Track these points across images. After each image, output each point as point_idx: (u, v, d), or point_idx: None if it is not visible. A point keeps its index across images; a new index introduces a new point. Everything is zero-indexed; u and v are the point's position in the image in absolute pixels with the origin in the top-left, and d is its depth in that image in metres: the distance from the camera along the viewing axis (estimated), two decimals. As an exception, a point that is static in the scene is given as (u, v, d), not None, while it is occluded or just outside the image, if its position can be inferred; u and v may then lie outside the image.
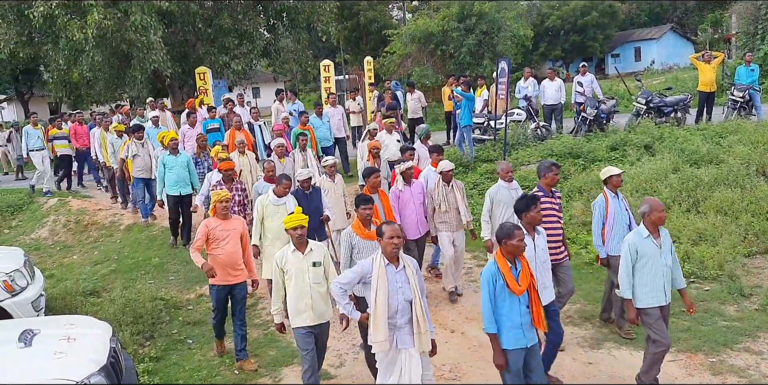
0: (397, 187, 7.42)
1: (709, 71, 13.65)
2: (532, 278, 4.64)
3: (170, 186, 9.61)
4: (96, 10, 13.90)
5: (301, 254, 5.27)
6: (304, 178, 7.42)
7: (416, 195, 7.43)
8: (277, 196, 7.09)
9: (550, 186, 6.31)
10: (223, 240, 6.13)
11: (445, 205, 7.33)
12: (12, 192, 13.43)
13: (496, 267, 4.58)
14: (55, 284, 9.15)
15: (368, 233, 5.66)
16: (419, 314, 4.60)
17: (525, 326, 4.58)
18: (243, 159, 9.73)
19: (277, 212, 7.05)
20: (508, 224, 4.67)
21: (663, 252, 5.13)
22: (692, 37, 41.51)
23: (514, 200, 6.52)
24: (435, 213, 7.43)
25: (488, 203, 6.87)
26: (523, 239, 4.59)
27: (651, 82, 22.60)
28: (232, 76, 20.06)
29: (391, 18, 37.00)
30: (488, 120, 13.68)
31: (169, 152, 9.67)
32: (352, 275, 4.73)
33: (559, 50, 39.10)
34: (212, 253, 6.17)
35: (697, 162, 10.30)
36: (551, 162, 6.44)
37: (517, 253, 4.60)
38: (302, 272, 5.23)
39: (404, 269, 4.66)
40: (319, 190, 7.68)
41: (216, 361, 6.56)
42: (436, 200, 7.35)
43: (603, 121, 13.50)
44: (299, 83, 40.54)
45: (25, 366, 4.69)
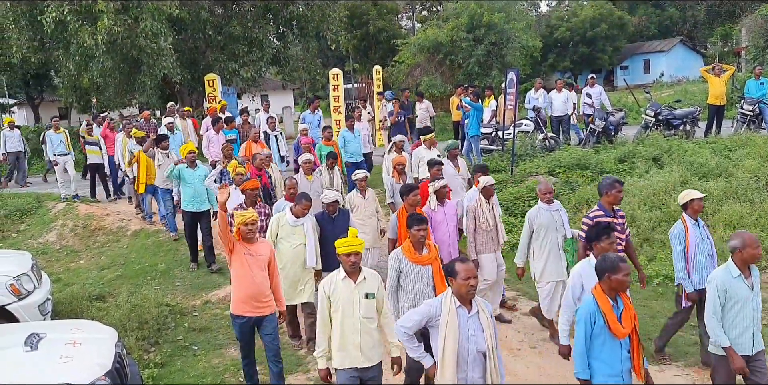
0: (430, 206, 6.84)
1: (719, 84, 13.63)
2: (635, 319, 4.12)
3: (186, 201, 9.02)
4: (106, 17, 14.01)
5: (353, 282, 4.61)
6: (330, 202, 6.72)
7: (450, 216, 6.87)
8: (294, 216, 6.51)
9: (613, 205, 5.88)
10: (250, 267, 5.44)
11: (487, 224, 6.86)
12: (20, 196, 13.48)
13: (596, 305, 4.05)
14: (61, 288, 9.17)
15: (419, 257, 5.23)
16: (494, 370, 4.00)
17: (625, 374, 4.06)
18: (268, 172, 9.25)
19: (293, 233, 6.49)
20: (612, 256, 4.14)
21: (755, 294, 4.56)
22: (702, 50, 41.50)
23: (557, 222, 6.39)
24: (475, 233, 6.90)
25: (528, 226, 6.48)
26: (629, 274, 4.08)
27: (660, 95, 22.60)
28: (241, 84, 20.18)
29: (401, 27, 37.17)
30: (496, 130, 13.69)
31: (186, 165, 9.08)
32: (418, 318, 4.09)
33: (568, 62, 39.13)
34: (238, 281, 5.48)
35: (705, 175, 10.27)
36: (614, 178, 5.97)
37: (621, 289, 4.10)
38: (352, 305, 4.57)
39: (478, 314, 4.03)
40: (347, 214, 7.02)
41: (221, 368, 6.55)
42: (481, 218, 6.84)
43: (611, 133, 13.49)
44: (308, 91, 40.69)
45: (31, 370, 4.69)
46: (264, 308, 5.53)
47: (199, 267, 9.50)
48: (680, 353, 6.16)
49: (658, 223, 8.99)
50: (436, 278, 5.27)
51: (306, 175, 8.57)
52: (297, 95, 43.86)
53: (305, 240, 6.50)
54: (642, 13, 44.47)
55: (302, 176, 8.50)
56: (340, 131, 11.13)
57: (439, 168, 7.75)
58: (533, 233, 6.47)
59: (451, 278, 4.01)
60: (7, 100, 32.57)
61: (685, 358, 5.97)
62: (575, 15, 39.20)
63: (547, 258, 6.43)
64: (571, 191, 10.63)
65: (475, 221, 6.86)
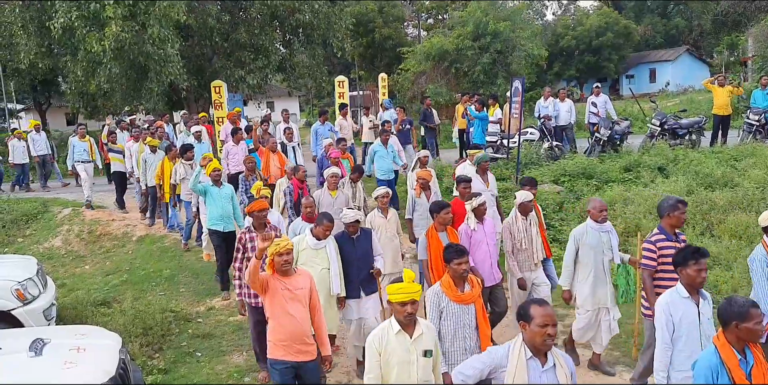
0: (469, 225, 6.36)
1: (724, 94, 13.64)
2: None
3: (213, 220, 8.37)
4: (114, 23, 14.09)
5: (409, 337, 3.94)
6: (351, 221, 6.12)
7: (489, 234, 6.40)
8: (316, 238, 5.98)
9: (675, 227, 5.28)
10: (288, 304, 4.73)
11: (525, 242, 6.42)
12: (27, 201, 13.53)
13: (718, 358, 3.46)
14: (66, 293, 9.19)
15: (461, 296, 4.61)
16: None
17: None
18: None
19: (315, 257, 5.96)
20: (741, 300, 3.51)
21: None
22: (708, 60, 41.50)
23: (605, 244, 5.84)
24: (514, 251, 6.49)
25: (573, 246, 5.92)
26: (761, 321, 3.48)
27: (666, 104, 22.60)
28: (247, 90, 20.19)
29: (406, 35, 37.25)
30: (501, 138, 13.70)
31: (212, 183, 8.45)
32: (480, 366, 3.53)
33: (574, 70, 39.20)
34: (275, 320, 4.77)
35: (711, 185, 10.25)
36: (677, 198, 5.38)
37: (752, 340, 3.50)
38: (408, 365, 3.93)
39: (554, 369, 3.40)
40: (370, 235, 6.39)
41: (224, 375, 6.55)
42: (517, 236, 6.42)
43: (617, 142, 13.49)
44: (313, 98, 40.81)
45: (35, 375, 4.71)
46: (306, 352, 4.81)
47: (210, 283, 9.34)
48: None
49: (663, 232, 8.95)
50: (479, 317, 4.73)
51: (330, 190, 7.98)
52: (303, 102, 43.98)
53: (329, 264, 6.00)
54: (648, 22, 44.55)
55: (326, 192, 7.95)
56: (372, 146, 10.53)
57: (467, 185, 7.28)
58: (578, 254, 5.93)
59: (524, 323, 3.38)
60: (14, 105, 32.73)
61: (691, 369, 5.92)
62: (581, 24, 39.31)
63: (592, 283, 5.90)
64: (576, 200, 10.62)
65: (512, 239, 6.47)
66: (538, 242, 6.51)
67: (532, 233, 6.48)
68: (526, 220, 6.49)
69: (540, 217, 6.93)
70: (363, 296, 6.21)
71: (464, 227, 6.39)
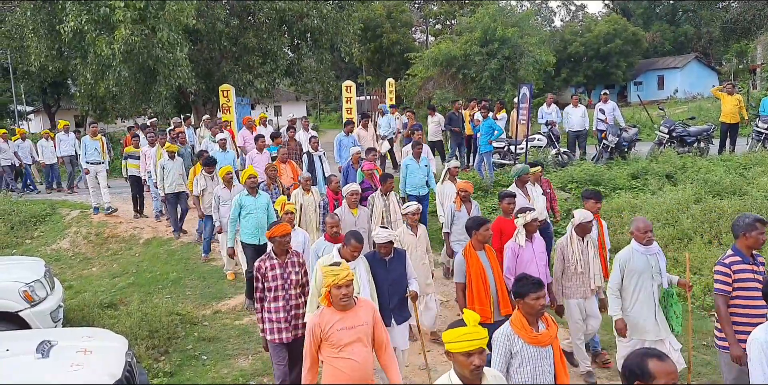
0: (518, 242, 5.83)
1: (732, 102, 13.60)
2: None
3: (248, 234, 7.84)
4: (124, 26, 14.18)
5: None
6: (384, 242, 5.50)
7: (539, 254, 5.88)
8: (344, 259, 5.25)
9: (752, 249, 4.76)
10: (347, 345, 4.11)
11: (580, 266, 5.86)
12: (35, 203, 13.61)
13: None
14: (73, 295, 9.23)
15: (538, 336, 3.91)
16: None
17: None
18: (308, 197, 8.33)
19: None
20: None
21: None
22: (717, 67, 41.40)
23: (654, 268, 5.30)
24: (563, 275, 5.99)
25: (618, 271, 5.36)
26: None
27: (674, 111, 22.54)
28: (255, 94, 20.29)
29: (414, 41, 37.36)
30: (508, 145, 13.69)
31: (246, 192, 7.97)
32: None
33: (582, 77, 39.19)
34: (332, 364, 4.16)
35: (719, 193, 10.20)
36: (755, 217, 4.79)
37: None
38: None
39: None
40: (404, 256, 5.74)
41: (229, 378, 6.54)
42: (571, 259, 5.88)
43: (624, 149, 13.46)
44: (320, 103, 40.93)
45: (41, 377, 4.72)
46: None
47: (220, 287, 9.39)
48: (693, 373, 6.06)
49: (671, 240, 8.94)
50: (557, 363, 4.02)
51: (351, 208, 7.40)
52: (310, 106, 44.11)
53: (359, 288, 5.31)
54: (656, 29, 44.52)
55: (346, 210, 7.37)
56: (404, 160, 9.92)
57: (511, 200, 6.77)
58: (623, 279, 5.38)
59: (641, 383, 2.77)
60: (24, 107, 32.99)
61: (698, 378, 5.87)
62: (589, 30, 39.31)
63: (637, 312, 5.36)
64: (582, 206, 10.58)
65: (564, 262, 5.94)
66: (596, 267, 5.93)
67: (589, 256, 5.91)
68: (583, 241, 5.91)
69: (603, 235, 6.38)
70: (394, 324, 5.60)
71: (512, 244, 5.86)
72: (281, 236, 5.41)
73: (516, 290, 3.99)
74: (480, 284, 5.45)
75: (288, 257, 5.48)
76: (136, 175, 12.41)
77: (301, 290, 5.47)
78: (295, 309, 5.42)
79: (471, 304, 5.43)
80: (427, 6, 38.50)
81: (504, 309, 5.52)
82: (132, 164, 12.50)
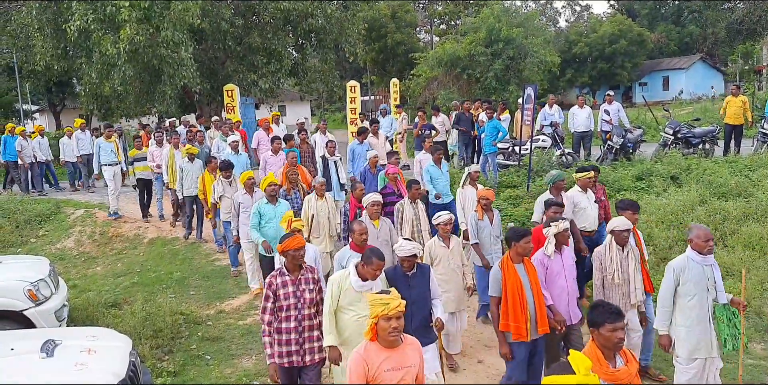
0: (546, 253, 5.46)
1: (736, 104, 13.59)
2: None
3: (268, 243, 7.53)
4: (129, 26, 14.22)
5: None
6: (407, 255, 5.09)
7: (568, 266, 5.51)
8: (361, 278, 4.84)
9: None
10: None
11: (618, 276, 5.54)
12: (40, 202, 13.65)
13: None
14: (77, 294, 9.24)
15: (616, 374, 3.56)
16: None
17: None
18: (321, 203, 8.02)
19: (359, 301, 4.82)
20: None
21: None
22: (722, 68, 41.30)
23: (709, 280, 4.99)
24: (603, 286, 5.68)
25: (671, 280, 5.00)
26: None
27: (679, 113, 22.48)
28: (259, 94, 20.32)
29: (419, 41, 37.36)
30: (513, 146, 13.68)
31: (266, 200, 7.62)
32: None
33: (586, 77, 39.14)
34: None
35: (725, 195, 10.17)
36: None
37: None
38: None
39: None
40: (427, 272, 5.27)
41: (233, 378, 6.55)
42: (609, 269, 5.57)
43: (629, 150, 13.43)
44: (325, 103, 40.95)
45: (46, 377, 4.73)
46: None
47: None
48: (697, 375, 6.05)
49: (675, 242, 8.90)
50: None
51: (372, 220, 6.87)
52: (314, 106, 44.14)
53: None
54: (662, 29, 44.42)
55: (367, 222, 6.81)
56: (425, 166, 9.45)
57: (558, 209, 6.24)
58: (676, 288, 5.02)
59: None
60: (29, 106, 33.07)
61: (702, 381, 5.86)
62: (594, 31, 39.26)
63: (694, 328, 5.01)
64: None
65: (602, 271, 5.63)
66: (636, 280, 5.61)
67: (629, 267, 5.56)
68: (622, 251, 5.57)
69: (641, 248, 6.01)
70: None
71: (540, 255, 5.47)
72: (295, 249, 4.91)
73: (591, 319, 3.66)
74: (516, 299, 5.08)
75: (302, 273, 5.01)
76: (144, 177, 12.21)
77: (315, 310, 5.01)
78: (308, 331, 4.97)
79: (505, 320, 5.13)
80: (432, 6, 38.51)
81: (541, 327, 5.16)
82: (139, 167, 12.28)
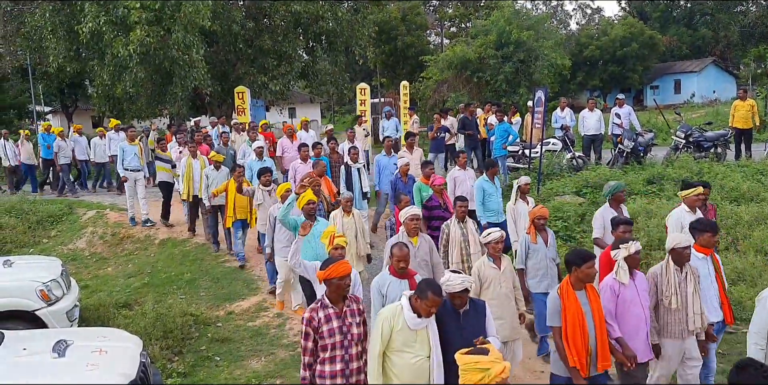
0: (618, 279, 4.83)
1: (744, 108, 13.53)
2: None
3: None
4: (139, 28, 14.30)
5: None
6: (459, 291, 4.37)
7: (642, 292, 4.90)
8: (416, 314, 4.13)
9: None
10: None
11: (676, 300, 4.95)
12: (53, 202, 13.75)
13: None
14: (89, 294, 9.32)
15: None
16: None
17: None
18: (348, 220, 7.41)
19: (414, 341, 4.15)
20: None
21: None
22: (734, 72, 41.03)
23: None
24: (658, 309, 5.12)
25: (765, 311, 4.34)
26: None
27: (690, 116, 22.36)
28: (269, 96, 20.38)
29: (429, 43, 37.34)
30: (523, 149, 13.65)
31: (304, 219, 6.80)
32: None
33: (597, 80, 38.97)
34: None
35: (737, 199, 10.12)
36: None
37: None
38: None
39: None
40: (483, 308, 4.59)
41: (242, 380, 6.57)
42: (666, 292, 4.99)
43: (640, 154, 13.37)
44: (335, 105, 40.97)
45: (57, 377, 4.77)
46: None
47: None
48: (708, 381, 6.00)
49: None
50: None
51: (410, 237, 6.16)
52: (324, 109, 44.21)
53: (430, 350, 4.20)
54: (673, 32, 44.18)
55: (404, 238, 6.13)
56: (478, 181, 8.62)
57: (627, 228, 5.61)
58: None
59: None
60: (42, 107, 33.37)
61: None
62: (605, 34, 39.08)
63: None
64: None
65: (657, 295, 5.08)
66: (695, 305, 5.00)
67: (688, 291, 4.98)
68: (681, 272, 4.99)
69: (720, 273, 5.42)
70: None
71: (610, 281, 4.89)
72: (340, 277, 4.21)
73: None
74: (577, 330, 4.54)
75: (346, 304, 4.30)
76: (166, 180, 11.89)
77: (361, 348, 4.33)
78: (356, 374, 4.26)
79: (571, 356, 4.58)
80: (442, 9, 38.49)
81: (602, 363, 4.64)
82: (161, 168, 11.98)
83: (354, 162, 9.92)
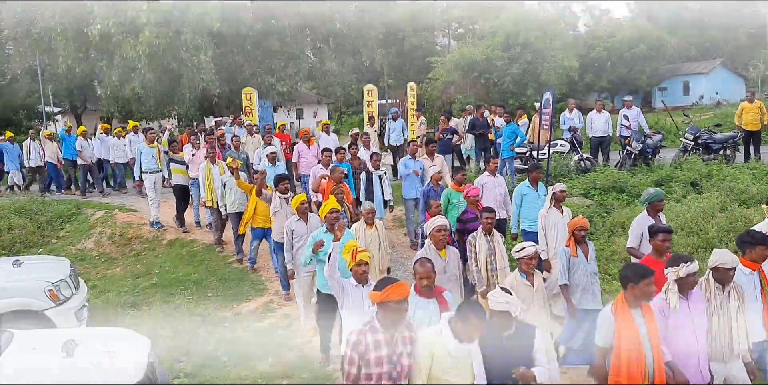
0: (669, 302, 4.37)
1: (753, 110, 13.47)
2: None
3: (324, 281, 6.08)
4: (148, 29, 14.36)
5: None
6: (501, 309, 3.99)
7: (697, 314, 4.43)
8: (458, 339, 3.78)
9: None
10: None
11: (717, 322, 4.56)
12: (61, 203, 13.81)
13: None
14: (97, 294, 9.35)
15: None
16: None
17: None
18: (371, 232, 6.98)
19: (457, 367, 3.79)
20: None
21: None
22: (743, 74, 40.81)
23: None
24: None
25: None
26: None
27: (699, 118, 22.22)
28: (277, 97, 20.45)
29: (436, 45, 37.34)
30: (530, 150, 13.62)
31: (326, 229, 6.43)
32: None
33: (605, 82, 38.79)
34: None
35: (746, 202, 10.05)
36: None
37: None
38: None
39: None
40: (531, 332, 4.17)
41: (249, 381, 6.58)
42: (705, 311, 4.59)
43: (648, 156, 13.33)
44: (342, 106, 41.06)
45: (66, 376, 4.79)
46: None
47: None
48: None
49: (695, 249, 8.81)
50: None
51: (438, 249, 5.79)
52: (332, 110, 44.29)
53: (473, 378, 3.84)
54: (682, 34, 43.95)
55: (432, 252, 5.75)
56: (518, 187, 8.29)
57: (666, 237, 5.25)
58: None
59: None
60: (51, 108, 33.57)
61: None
62: (613, 35, 38.93)
63: None
64: (606, 214, 10.50)
65: None
66: (739, 327, 4.60)
67: (730, 312, 4.56)
68: (722, 292, 4.58)
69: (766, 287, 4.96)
70: None
71: (659, 302, 4.40)
72: (398, 301, 3.71)
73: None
74: (633, 352, 4.10)
75: (399, 330, 3.79)
76: (181, 183, 11.68)
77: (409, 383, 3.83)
78: None
79: (617, 377, 4.18)
80: (450, 10, 38.48)
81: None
82: (176, 170, 11.71)
83: (375, 169, 9.68)
